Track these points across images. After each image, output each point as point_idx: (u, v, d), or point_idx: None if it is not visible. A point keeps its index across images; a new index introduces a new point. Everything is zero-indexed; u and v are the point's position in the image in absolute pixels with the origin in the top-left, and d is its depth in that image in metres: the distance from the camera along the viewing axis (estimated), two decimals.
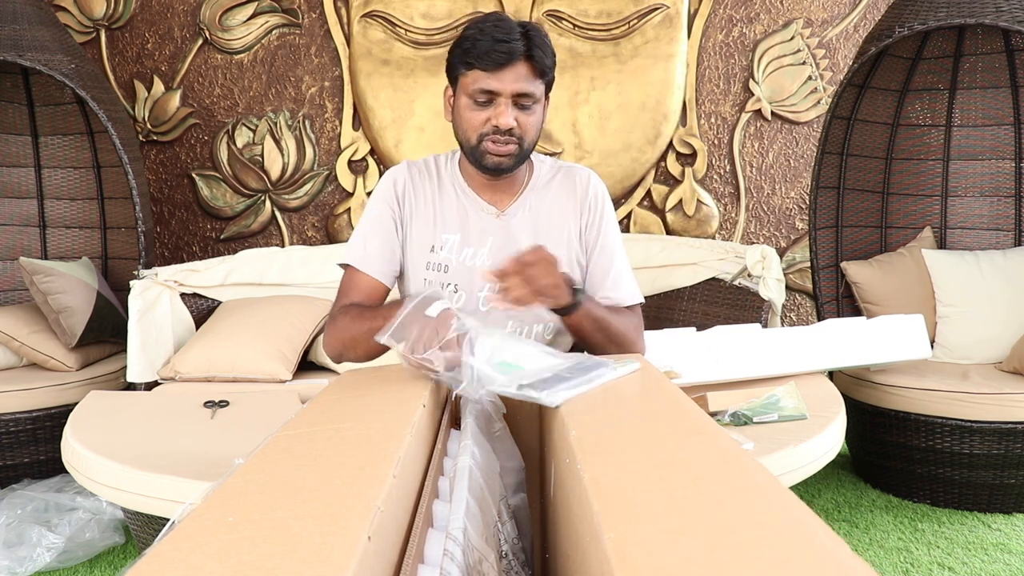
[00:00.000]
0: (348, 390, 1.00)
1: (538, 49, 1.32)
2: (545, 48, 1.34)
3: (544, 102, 1.40)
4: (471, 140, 1.37)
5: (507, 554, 0.76)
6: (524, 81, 1.32)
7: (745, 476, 0.58)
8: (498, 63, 1.30)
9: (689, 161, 3.36)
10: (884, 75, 2.93)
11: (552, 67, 1.37)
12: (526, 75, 1.32)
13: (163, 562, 0.47)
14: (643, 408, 0.84)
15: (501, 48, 1.29)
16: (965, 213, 3.01)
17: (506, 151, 1.35)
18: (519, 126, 1.34)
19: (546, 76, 1.36)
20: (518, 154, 1.37)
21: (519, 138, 1.35)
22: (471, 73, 1.33)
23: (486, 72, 1.31)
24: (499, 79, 1.31)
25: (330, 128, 3.39)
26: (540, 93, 1.37)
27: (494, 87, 1.31)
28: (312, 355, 2.80)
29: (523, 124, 1.35)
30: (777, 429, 1.84)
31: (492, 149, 1.35)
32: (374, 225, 1.44)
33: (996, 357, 2.69)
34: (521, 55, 1.31)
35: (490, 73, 1.31)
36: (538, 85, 1.35)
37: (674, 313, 2.85)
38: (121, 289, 2.96)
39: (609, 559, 0.45)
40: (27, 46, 2.79)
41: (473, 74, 1.33)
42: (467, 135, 1.37)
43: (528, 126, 1.36)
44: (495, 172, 1.39)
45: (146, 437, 1.91)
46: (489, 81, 1.31)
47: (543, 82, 1.37)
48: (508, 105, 1.32)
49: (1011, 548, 2.22)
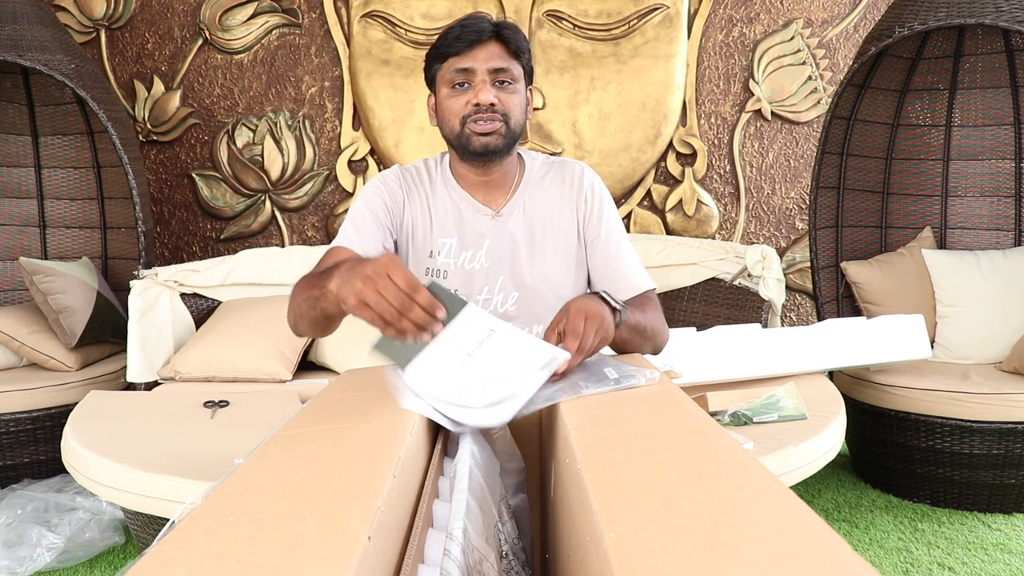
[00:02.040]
0: (348, 390, 1.00)
1: (507, 30, 1.35)
2: (515, 30, 1.36)
3: (526, 88, 1.40)
4: (455, 127, 1.36)
5: (507, 554, 0.76)
6: (497, 59, 1.33)
7: (745, 476, 0.58)
8: (469, 42, 1.32)
9: (689, 161, 3.36)
10: (884, 75, 2.93)
11: (527, 50, 1.38)
12: (499, 53, 1.34)
13: (163, 562, 0.47)
14: (643, 408, 0.84)
15: (469, 30, 1.33)
16: (965, 213, 3.01)
17: (491, 128, 1.33)
18: (501, 103, 1.34)
19: (521, 58, 1.37)
20: (505, 133, 1.35)
21: (503, 115, 1.34)
22: (445, 64, 1.35)
23: (459, 55, 1.33)
24: (472, 57, 1.33)
25: (330, 128, 3.39)
26: (518, 73, 1.36)
27: (468, 64, 1.33)
28: (312, 355, 2.80)
29: (504, 101, 1.34)
30: (777, 429, 1.84)
31: (477, 129, 1.34)
32: (364, 214, 1.40)
33: (996, 357, 2.69)
34: (490, 34, 1.34)
35: (463, 55, 1.33)
36: (514, 64, 1.35)
37: (674, 313, 2.85)
38: (121, 289, 2.97)
39: (609, 559, 0.45)
40: (27, 46, 2.79)
41: (447, 63, 1.35)
42: (451, 124, 1.36)
43: (510, 104, 1.35)
44: (483, 155, 1.36)
45: (146, 437, 1.91)
46: (462, 60, 1.33)
47: (519, 63, 1.37)
48: (486, 82, 1.33)
49: (1011, 548, 2.22)
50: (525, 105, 1.40)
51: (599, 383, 0.93)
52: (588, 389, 0.92)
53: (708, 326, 2.33)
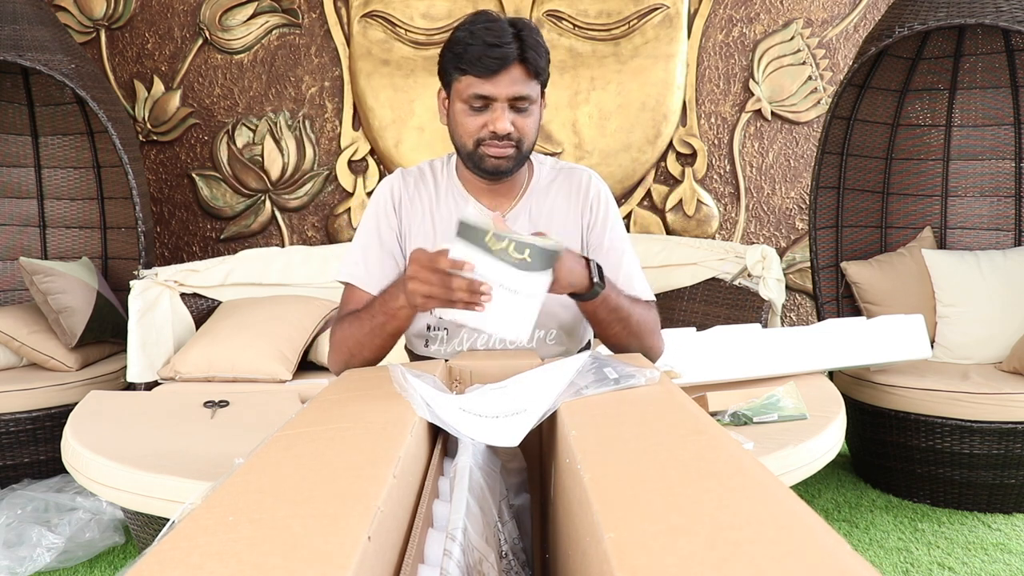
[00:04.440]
0: (348, 390, 1.00)
1: (531, 51, 1.29)
2: (539, 48, 1.31)
3: (540, 102, 1.37)
4: (468, 146, 1.34)
5: (507, 554, 0.76)
6: (519, 84, 1.29)
7: (745, 476, 0.58)
8: (491, 69, 1.27)
9: (689, 161, 3.36)
10: (884, 75, 2.93)
11: (546, 66, 1.34)
12: (521, 78, 1.29)
13: (163, 562, 0.47)
14: (643, 408, 0.84)
15: (494, 54, 1.26)
16: (965, 213, 3.01)
17: (505, 154, 1.33)
18: (517, 129, 1.32)
19: (541, 76, 1.33)
20: (517, 156, 1.34)
21: (517, 140, 1.33)
22: (464, 79, 1.30)
23: (479, 78, 1.28)
24: (494, 84, 1.28)
25: (330, 128, 3.39)
26: (536, 94, 1.33)
27: (489, 92, 1.28)
28: (312, 355, 2.80)
29: (520, 127, 1.32)
30: (777, 429, 1.84)
31: (490, 152, 1.32)
32: (372, 238, 1.41)
33: (996, 357, 2.69)
34: (515, 59, 1.28)
35: (484, 79, 1.28)
36: (533, 86, 1.32)
37: (674, 313, 2.85)
38: (121, 289, 2.97)
39: (609, 559, 0.45)
40: (27, 46, 2.79)
41: (466, 80, 1.29)
42: (463, 141, 1.35)
43: (526, 128, 1.33)
44: (494, 175, 1.36)
45: (146, 437, 1.91)
46: (483, 86, 1.28)
47: (538, 82, 1.33)
48: (504, 110, 1.29)
49: (1011, 548, 2.22)
50: (539, 122, 1.38)
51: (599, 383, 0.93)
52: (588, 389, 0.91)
53: (708, 326, 2.33)
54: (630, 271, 1.44)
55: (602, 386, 0.92)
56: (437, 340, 1.41)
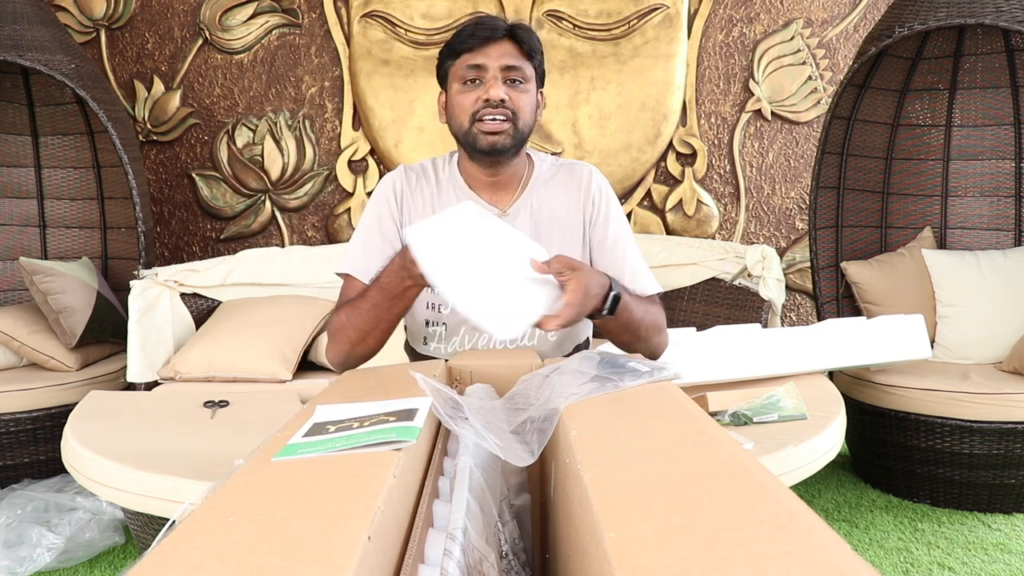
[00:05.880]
0: (348, 390, 1.00)
1: (521, 30, 1.36)
2: (529, 31, 1.38)
3: (536, 89, 1.40)
4: (464, 124, 1.36)
5: (507, 554, 0.76)
6: (510, 57, 1.35)
7: (745, 476, 0.58)
8: (483, 38, 1.34)
9: (689, 161, 3.36)
10: (884, 75, 2.93)
11: (539, 52, 1.39)
12: (512, 52, 1.35)
13: (163, 562, 0.47)
14: (643, 408, 0.84)
15: (483, 27, 1.35)
16: (965, 213, 3.01)
17: (500, 128, 1.34)
18: (511, 100, 1.34)
19: (534, 59, 1.37)
20: (513, 133, 1.35)
21: (512, 113, 1.34)
22: (458, 60, 1.36)
23: (472, 51, 1.35)
24: (485, 54, 1.34)
25: (330, 128, 3.39)
26: (530, 73, 1.37)
27: (480, 61, 1.34)
28: (312, 355, 2.80)
29: (515, 99, 1.35)
30: (777, 429, 1.84)
31: (485, 128, 1.34)
32: (373, 231, 1.42)
33: (996, 357, 2.69)
34: (504, 32, 1.35)
35: (476, 51, 1.34)
36: (526, 64, 1.36)
37: (674, 313, 2.85)
38: (121, 289, 2.97)
39: (609, 559, 0.45)
40: (27, 46, 2.79)
41: (460, 59, 1.36)
42: (460, 121, 1.37)
43: (520, 102, 1.35)
44: (491, 154, 1.36)
45: (146, 437, 1.91)
46: (475, 57, 1.34)
47: (531, 64, 1.37)
48: (497, 79, 1.34)
49: (1011, 548, 2.22)
50: (535, 106, 1.40)
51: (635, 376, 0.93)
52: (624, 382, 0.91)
53: (708, 326, 2.33)
54: (635, 265, 1.44)
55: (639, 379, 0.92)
56: (436, 337, 1.41)
